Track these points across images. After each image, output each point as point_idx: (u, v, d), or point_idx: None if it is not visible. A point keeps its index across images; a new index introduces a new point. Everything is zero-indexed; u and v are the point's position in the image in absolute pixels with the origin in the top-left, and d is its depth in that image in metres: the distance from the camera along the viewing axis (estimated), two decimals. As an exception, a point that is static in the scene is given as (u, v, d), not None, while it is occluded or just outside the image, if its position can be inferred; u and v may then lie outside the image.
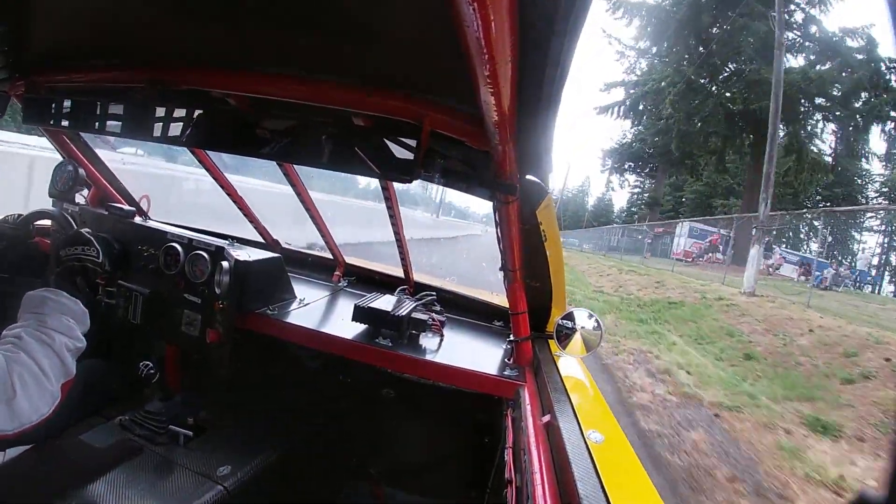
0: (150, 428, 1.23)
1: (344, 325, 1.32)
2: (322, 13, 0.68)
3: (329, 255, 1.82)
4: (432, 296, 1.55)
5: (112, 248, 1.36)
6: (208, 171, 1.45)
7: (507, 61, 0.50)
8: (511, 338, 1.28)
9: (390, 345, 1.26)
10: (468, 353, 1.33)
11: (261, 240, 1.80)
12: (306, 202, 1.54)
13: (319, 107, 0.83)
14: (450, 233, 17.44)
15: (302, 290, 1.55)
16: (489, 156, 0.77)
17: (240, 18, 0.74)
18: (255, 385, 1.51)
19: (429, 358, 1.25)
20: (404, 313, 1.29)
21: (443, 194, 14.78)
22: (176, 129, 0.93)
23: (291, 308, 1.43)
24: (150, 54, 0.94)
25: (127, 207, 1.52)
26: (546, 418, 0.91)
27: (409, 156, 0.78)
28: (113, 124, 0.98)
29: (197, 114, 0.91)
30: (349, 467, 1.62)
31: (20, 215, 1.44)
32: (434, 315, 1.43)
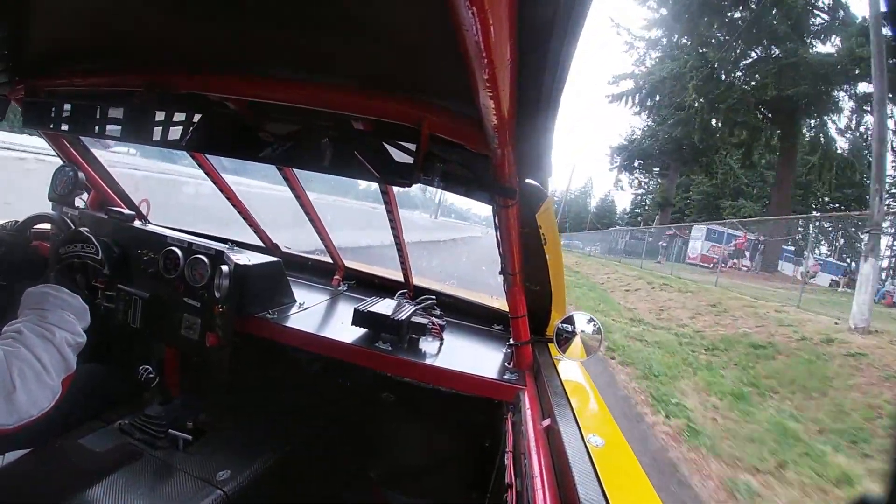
0: (149, 432, 1.23)
1: (344, 329, 1.32)
2: (321, 16, 0.68)
3: (329, 259, 1.82)
4: (432, 299, 1.55)
5: (112, 252, 1.36)
6: (207, 174, 1.45)
7: (506, 65, 0.50)
8: (511, 341, 1.28)
9: (390, 349, 1.26)
10: (468, 356, 1.32)
11: (260, 243, 1.80)
12: (305, 206, 1.54)
13: (319, 110, 0.83)
14: (449, 234, 17.36)
15: (302, 294, 1.55)
16: (488, 159, 0.76)
17: (239, 21, 0.74)
18: (254, 389, 1.51)
19: (428, 362, 1.24)
20: (404, 317, 1.29)
21: (441, 196, 14.76)
22: (175, 132, 0.92)
23: (291, 312, 1.43)
24: (149, 57, 0.94)
25: (127, 211, 1.52)
26: (546, 422, 0.91)
27: (409, 159, 0.77)
28: (112, 128, 0.98)
29: (196, 117, 0.91)
30: (349, 471, 1.61)
31: (17, 221, 1.44)
32: (434, 319, 1.43)
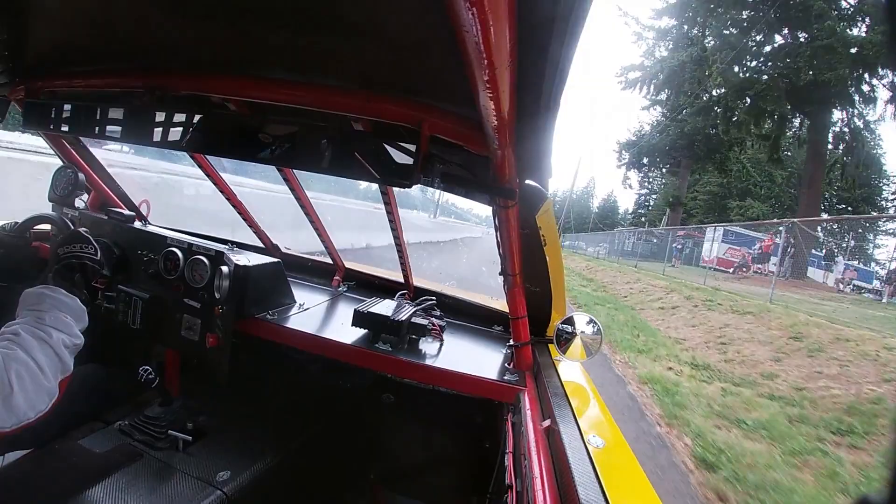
0: (149, 433, 1.23)
1: (344, 330, 1.31)
2: (322, 17, 0.68)
3: (329, 260, 1.82)
4: (432, 300, 1.55)
5: (111, 253, 1.36)
6: (207, 175, 1.45)
7: (506, 66, 0.50)
8: (511, 342, 1.27)
9: (390, 350, 1.26)
10: (468, 357, 1.32)
11: (260, 244, 1.80)
12: (306, 207, 1.54)
13: (319, 111, 0.83)
14: (449, 235, 17.34)
15: (302, 295, 1.55)
16: (489, 160, 0.76)
17: (239, 22, 0.74)
18: (254, 389, 1.50)
19: (428, 363, 1.24)
20: (404, 318, 1.29)
21: (440, 196, 14.74)
22: (175, 133, 0.92)
23: (291, 313, 1.43)
24: (149, 58, 0.94)
25: (126, 212, 1.52)
26: (546, 423, 0.91)
27: (409, 160, 0.77)
28: (113, 129, 0.98)
29: (196, 118, 0.91)
30: (349, 472, 1.61)
31: (17, 222, 1.44)
32: (434, 320, 1.43)
